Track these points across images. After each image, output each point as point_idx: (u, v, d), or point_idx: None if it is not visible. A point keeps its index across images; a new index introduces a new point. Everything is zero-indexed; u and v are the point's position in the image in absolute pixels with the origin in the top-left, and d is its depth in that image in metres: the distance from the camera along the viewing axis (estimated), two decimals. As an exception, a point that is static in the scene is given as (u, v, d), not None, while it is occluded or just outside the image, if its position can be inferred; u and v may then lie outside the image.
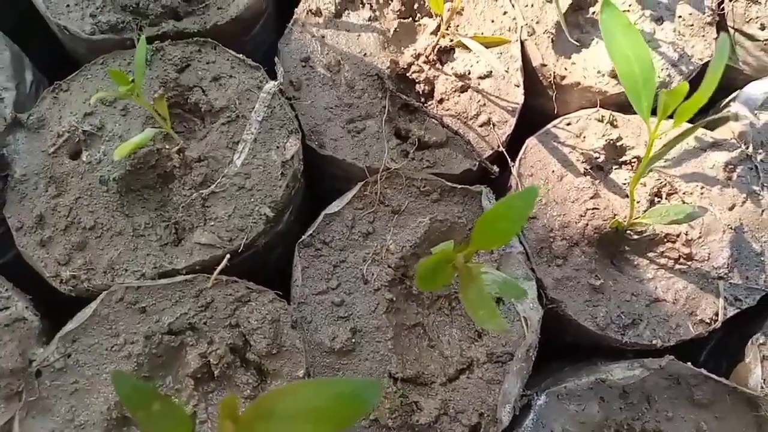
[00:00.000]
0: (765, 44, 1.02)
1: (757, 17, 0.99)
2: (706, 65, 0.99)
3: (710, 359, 0.97)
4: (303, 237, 0.79)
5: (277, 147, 0.80)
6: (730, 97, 1.00)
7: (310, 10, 0.91)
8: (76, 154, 0.81)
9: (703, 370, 0.79)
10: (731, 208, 0.86)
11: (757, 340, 0.85)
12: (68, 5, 0.86)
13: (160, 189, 0.81)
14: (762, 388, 0.82)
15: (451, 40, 0.89)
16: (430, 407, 0.74)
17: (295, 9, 0.92)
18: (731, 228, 0.84)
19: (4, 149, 0.80)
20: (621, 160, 0.89)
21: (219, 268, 0.73)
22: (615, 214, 0.83)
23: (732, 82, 1.03)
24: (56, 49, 0.98)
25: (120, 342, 0.72)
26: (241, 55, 0.86)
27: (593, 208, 0.83)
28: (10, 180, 0.79)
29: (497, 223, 0.58)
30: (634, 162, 0.89)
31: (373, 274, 0.79)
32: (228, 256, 0.74)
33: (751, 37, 1.00)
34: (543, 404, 0.77)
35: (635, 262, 0.84)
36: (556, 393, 0.77)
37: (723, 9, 0.99)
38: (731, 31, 1.01)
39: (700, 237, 0.83)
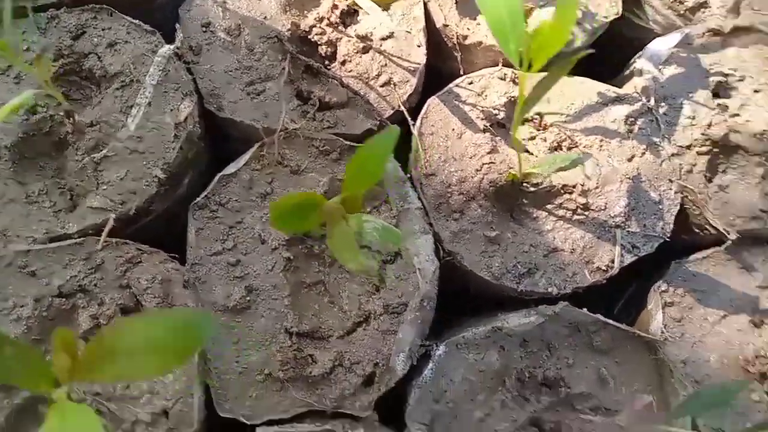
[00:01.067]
0: (672, 2, 1.03)
1: (663, -25, 1.00)
2: (611, 23, 1.00)
3: (623, 311, 0.99)
4: (197, 199, 0.79)
5: (171, 109, 0.80)
6: (637, 55, 1.01)
7: (211, -24, 0.90)
8: (-32, 124, 0.80)
9: (599, 316, 0.81)
10: (630, 159, 0.87)
11: (659, 287, 0.86)
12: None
13: (55, 156, 0.81)
14: (662, 333, 0.83)
15: (352, 2, 0.89)
16: (324, 359, 0.74)
17: (196, -25, 0.91)
18: (629, 178, 0.86)
19: None
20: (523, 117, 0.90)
21: (106, 228, 0.73)
22: (511, 168, 0.84)
23: (644, 41, 1.04)
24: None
25: (9, 305, 0.72)
26: (137, 20, 0.85)
27: (489, 163, 0.83)
28: None
29: (364, 165, 0.59)
30: (537, 118, 0.90)
31: (270, 234, 0.79)
32: (113, 215, 0.74)
33: (657, -5, 1.01)
34: (442, 354, 0.78)
35: (534, 215, 0.85)
36: (455, 342, 0.78)
37: (628, -33, 1.00)
38: (639, -11, 1.03)
39: (597, 187, 0.85)
